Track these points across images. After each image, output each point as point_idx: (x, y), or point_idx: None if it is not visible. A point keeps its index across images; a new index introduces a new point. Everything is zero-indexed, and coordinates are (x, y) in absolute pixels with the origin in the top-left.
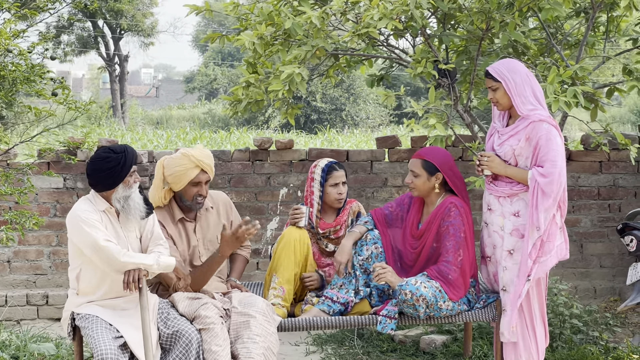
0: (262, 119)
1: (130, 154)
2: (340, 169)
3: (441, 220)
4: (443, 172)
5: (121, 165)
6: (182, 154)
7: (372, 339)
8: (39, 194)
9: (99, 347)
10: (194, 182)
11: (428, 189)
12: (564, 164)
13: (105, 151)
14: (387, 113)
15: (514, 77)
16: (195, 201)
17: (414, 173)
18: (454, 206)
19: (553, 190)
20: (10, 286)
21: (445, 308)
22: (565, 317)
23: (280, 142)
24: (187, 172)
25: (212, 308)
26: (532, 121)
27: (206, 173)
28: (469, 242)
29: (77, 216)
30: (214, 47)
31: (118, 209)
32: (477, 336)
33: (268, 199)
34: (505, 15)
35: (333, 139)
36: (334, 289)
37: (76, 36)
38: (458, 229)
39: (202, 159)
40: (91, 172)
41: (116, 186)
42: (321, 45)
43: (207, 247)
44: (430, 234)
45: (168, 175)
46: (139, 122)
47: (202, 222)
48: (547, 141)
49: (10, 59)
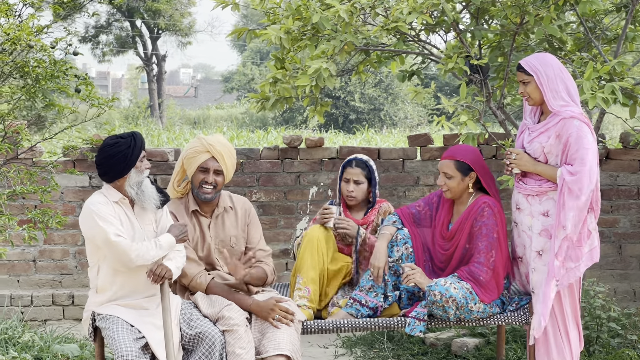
0: (300, 119)
1: (139, 137)
2: (357, 167)
3: (474, 220)
4: (476, 171)
5: (132, 148)
6: (196, 137)
7: (403, 341)
8: (65, 193)
9: (119, 348)
10: (202, 168)
11: (462, 190)
12: (595, 163)
13: (112, 138)
14: (425, 113)
15: (547, 70)
16: (201, 189)
17: (447, 175)
18: (487, 206)
19: (581, 189)
20: (35, 286)
21: (476, 310)
22: (603, 321)
23: (310, 140)
24: (197, 157)
25: (237, 309)
26: (562, 118)
27: (216, 161)
28: (502, 242)
29: (90, 210)
30: (252, 47)
31: (132, 196)
32: (511, 339)
33: (298, 198)
34: (540, 8)
35: (371, 139)
36: (363, 291)
37: (114, 36)
38: (491, 230)
39: (212, 144)
40: (101, 161)
41: (128, 172)
42: (350, 40)
43: (219, 247)
44: (463, 234)
45: (184, 160)
46: (177, 122)
47: (218, 220)
48: (577, 139)
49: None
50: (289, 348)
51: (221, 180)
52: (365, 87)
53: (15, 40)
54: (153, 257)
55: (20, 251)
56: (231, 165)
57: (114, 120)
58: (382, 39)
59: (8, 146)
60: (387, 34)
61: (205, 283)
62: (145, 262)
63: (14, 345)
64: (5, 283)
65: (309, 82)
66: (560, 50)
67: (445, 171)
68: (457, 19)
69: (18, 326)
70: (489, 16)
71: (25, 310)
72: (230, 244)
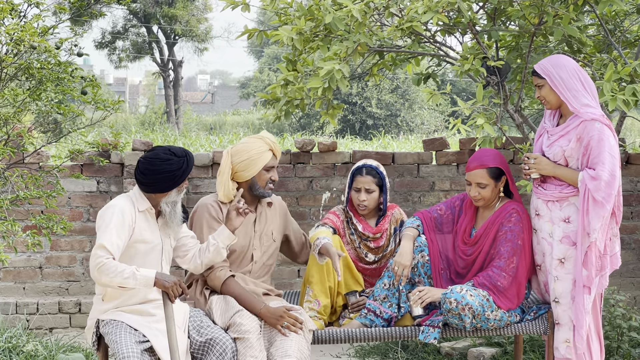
0: (316, 125)
1: (192, 159)
2: (368, 174)
3: (500, 225)
4: (507, 175)
5: (182, 170)
6: (254, 138)
7: (417, 351)
8: (72, 198)
9: (121, 350)
10: (267, 167)
11: (495, 196)
12: (617, 166)
13: (166, 152)
14: (442, 119)
15: (560, 72)
16: (267, 187)
17: (481, 185)
18: (516, 212)
19: (605, 194)
20: (42, 293)
21: (493, 318)
22: (624, 330)
23: (322, 144)
24: (261, 156)
25: (248, 316)
26: (583, 120)
27: (276, 158)
28: (527, 250)
29: (103, 212)
30: (269, 53)
31: (165, 213)
32: (529, 349)
33: (310, 204)
34: (559, 8)
35: (387, 145)
36: (377, 300)
37: (131, 42)
38: (516, 235)
39: (274, 142)
40: (148, 172)
41: (171, 190)
42: (363, 41)
43: (262, 240)
44: (488, 239)
45: (240, 163)
46: (193, 128)
47: (262, 216)
48: (599, 141)
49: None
50: (297, 356)
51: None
52: (382, 93)
53: (18, 41)
54: (118, 283)
55: (26, 258)
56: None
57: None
58: (396, 40)
59: (11, 149)
60: (401, 35)
61: (223, 277)
62: (106, 282)
63: (18, 355)
64: (10, 290)
65: (321, 84)
66: (579, 53)
67: (479, 181)
68: (473, 19)
69: (23, 335)
70: (507, 17)
71: (30, 318)
72: (272, 238)
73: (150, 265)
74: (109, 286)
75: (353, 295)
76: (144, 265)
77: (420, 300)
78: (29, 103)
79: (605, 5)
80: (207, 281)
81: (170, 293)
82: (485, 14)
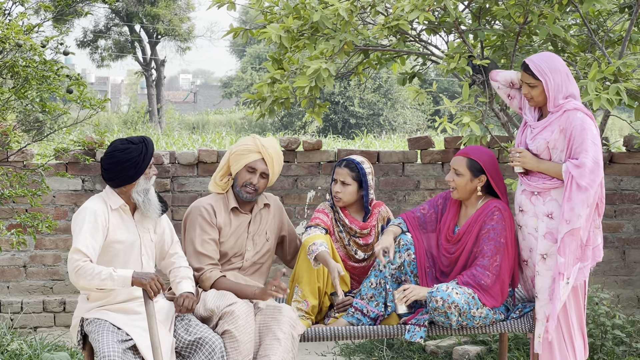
0: (299, 124)
1: (150, 143)
2: (346, 167)
3: (482, 223)
4: (488, 174)
5: (143, 155)
6: (251, 135)
7: (403, 349)
8: (57, 196)
9: (102, 349)
10: (249, 167)
11: (469, 191)
12: (600, 155)
13: (123, 142)
14: (425, 118)
15: (555, 76)
16: (244, 188)
17: (457, 171)
18: (498, 210)
19: (588, 182)
20: (26, 292)
21: (479, 316)
22: (607, 328)
23: (307, 143)
24: (247, 155)
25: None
26: (565, 110)
27: (265, 164)
28: (510, 248)
29: (77, 215)
30: (252, 52)
31: (139, 203)
32: (513, 347)
33: (295, 202)
34: (544, 8)
35: (370, 144)
36: (364, 299)
37: (113, 41)
38: (499, 234)
39: (266, 146)
40: (109, 166)
41: (138, 178)
42: (349, 40)
43: (255, 241)
44: (470, 237)
45: (231, 155)
46: (175, 127)
47: (257, 218)
48: (581, 131)
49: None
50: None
51: (264, 184)
52: (365, 92)
53: (4, 39)
54: (96, 285)
55: (10, 256)
56: (277, 171)
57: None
58: (382, 39)
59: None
60: (387, 33)
61: (214, 278)
62: (85, 285)
63: (2, 354)
64: None
65: (308, 83)
66: (563, 52)
67: (456, 167)
68: (459, 18)
69: (7, 334)
70: (491, 16)
71: (15, 317)
72: (265, 238)
73: (131, 264)
74: (88, 289)
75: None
76: (126, 264)
77: (405, 299)
78: (14, 101)
79: (590, 4)
80: (198, 282)
81: (149, 290)
82: (470, 13)
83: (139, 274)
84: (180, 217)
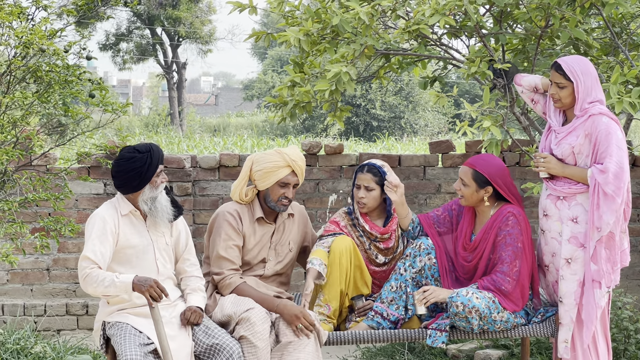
0: (321, 127)
1: (156, 152)
2: (369, 172)
3: (498, 229)
4: (495, 185)
5: (147, 165)
6: (275, 150)
7: (424, 353)
8: (79, 200)
9: (124, 352)
10: (282, 183)
11: (477, 200)
12: (625, 159)
13: (130, 151)
14: (446, 121)
15: (586, 79)
16: (279, 202)
17: (463, 182)
18: (512, 215)
19: (615, 187)
20: (49, 295)
21: (500, 320)
22: (630, 332)
23: (329, 147)
24: (277, 171)
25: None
26: (591, 114)
27: (296, 176)
28: (527, 252)
29: (88, 222)
30: (273, 55)
31: (145, 211)
32: (535, 351)
33: (317, 206)
34: (566, 11)
35: (392, 147)
36: (384, 303)
37: (135, 44)
38: (515, 239)
39: (295, 160)
40: (116, 174)
41: (143, 187)
42: (370, 44)
43: (277, 251)
44: (487, 244)
45: (256, 171)
46: (197, 130)
47: (281, 228)
48: (606, 135)
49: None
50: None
51: (295, 192)
52: (386, 95)
53: (28, 44)
54: (101, 292)
55: (34, 260)
56: (304, 177)
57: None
58: (402, 43)
59: (20, 152)
60: (408, 37)
61: (234, 284)
62: (92, 292)
63: (26, 356)
64: (18, 292)
65: (329, 87)
66: (586, 55)
67: (462, 178)
68: (480, 22)
69: (31, 336)
70: (512, 20)
71: (38, 320)
72: (289, 248)
73: (146, 268)
74: (96, 295)
75: (360, 300)
76: (141, 269)
77: (424, 300)
78: (37, 106)
79: (612, 7)
80: (218, 288)
81: (147, 297)
82: (491, 16)
83: (139, 279)
84: (202, 221)
